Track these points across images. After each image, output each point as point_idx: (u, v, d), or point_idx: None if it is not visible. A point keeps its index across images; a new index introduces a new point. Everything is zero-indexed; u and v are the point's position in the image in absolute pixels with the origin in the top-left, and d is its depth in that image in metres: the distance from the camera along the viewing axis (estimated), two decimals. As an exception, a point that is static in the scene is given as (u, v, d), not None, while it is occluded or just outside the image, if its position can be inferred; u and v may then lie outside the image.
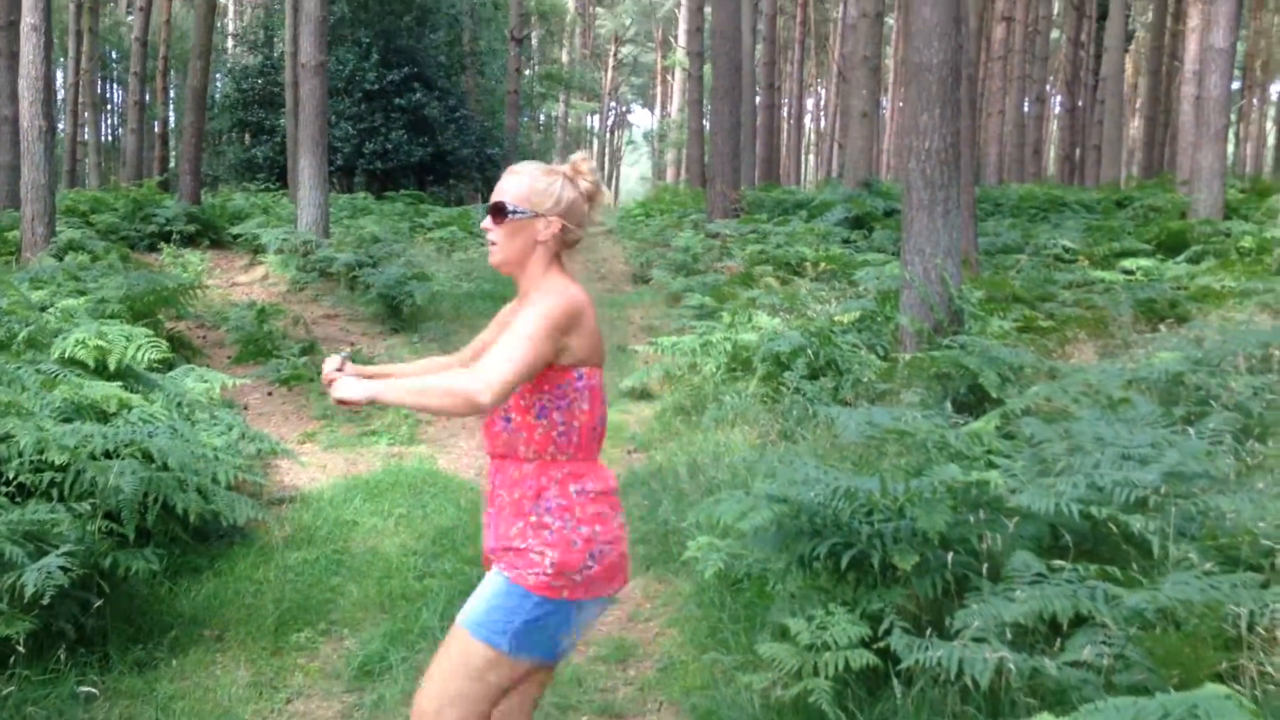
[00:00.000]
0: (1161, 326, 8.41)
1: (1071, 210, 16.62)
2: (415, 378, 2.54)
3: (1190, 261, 11.98)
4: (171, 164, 25.47)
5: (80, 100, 31.01)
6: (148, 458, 4.64)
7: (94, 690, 3.60)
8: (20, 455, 4.29)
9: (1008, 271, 11.11)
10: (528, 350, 2.32)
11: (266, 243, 13.67)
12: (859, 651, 3.31)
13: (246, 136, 27.61)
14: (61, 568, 3.56)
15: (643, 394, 8.93)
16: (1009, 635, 3.06)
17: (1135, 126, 40.67)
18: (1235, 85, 41.48)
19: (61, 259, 10.35)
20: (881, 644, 3.30)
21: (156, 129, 27.92)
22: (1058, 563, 3.32)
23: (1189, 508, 3.64)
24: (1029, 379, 6.50)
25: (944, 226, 7.49)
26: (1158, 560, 3.36)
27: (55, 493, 4.28)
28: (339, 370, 2.54)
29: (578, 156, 2.58)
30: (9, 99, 13.17)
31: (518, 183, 2.51)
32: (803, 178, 50.84)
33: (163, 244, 14.16)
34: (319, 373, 2.65)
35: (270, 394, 8.89)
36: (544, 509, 2.42)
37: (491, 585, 2.44)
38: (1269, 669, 2.87)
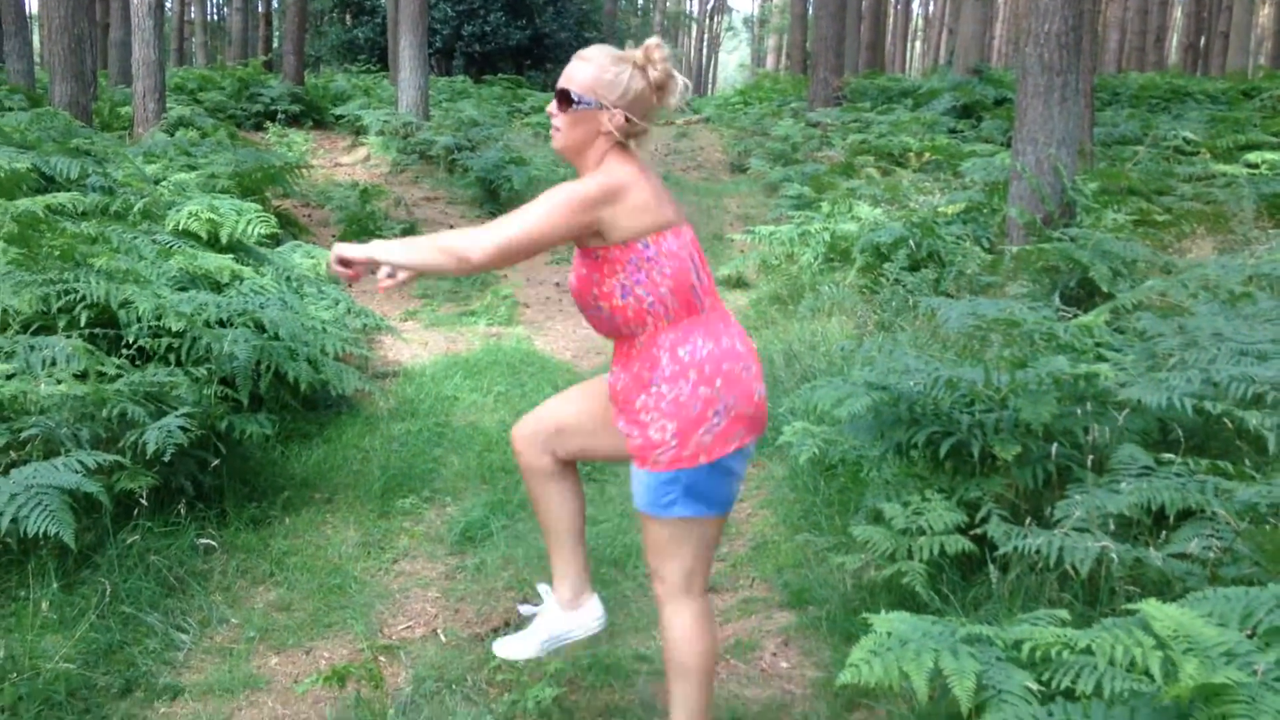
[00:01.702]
0: (1287, 223, 8.02)
1: (1194, 100, 15.80)
2: (413, 237, 2.49)
3: (1321, 157, 11.33)
4: (275, 44, 25.62)
5: (186, -21, 31.23)
6: (259, 328, 4.78)
7: (213, 543, 3.79)
8: (139, 321, 4.46)
9: (1124, 163, 10.66)
10: (535, 219, 2.33)
11: (368, 124, 13.78)
12: (954, 537, 3.30)
13: (348, 17, 27.60)
14: (181, 427, 3.72)
15: (738, 282, 8.88)
16: (1112, 526, 3.02)
17: (1265, 14, 38.15)
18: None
19: (172, 134, 10.57)
20: (978, 531, 3.29)
21: (260, 8, 28.05)
22: (1166, 456, 3.25)
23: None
24: (1142, 274, 6.29)
25: (1060, 115, 7.19)
26: (1273, 457, 3.26)
27: (172, 358, 4.45)
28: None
29: (651, 42, 2.47)
30: (119, -24, 13.32)
31: (585, 70, 2.44)
32: (909, 65, 49.09)
33: (268, 123, 14.38)
34: None
35: (372, 272, 9.04)
36: (660, 378, 2.43)
37: (635, 479, 2.51)
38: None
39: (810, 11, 21.78)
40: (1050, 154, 7.16)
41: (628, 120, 2.43)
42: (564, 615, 2.77)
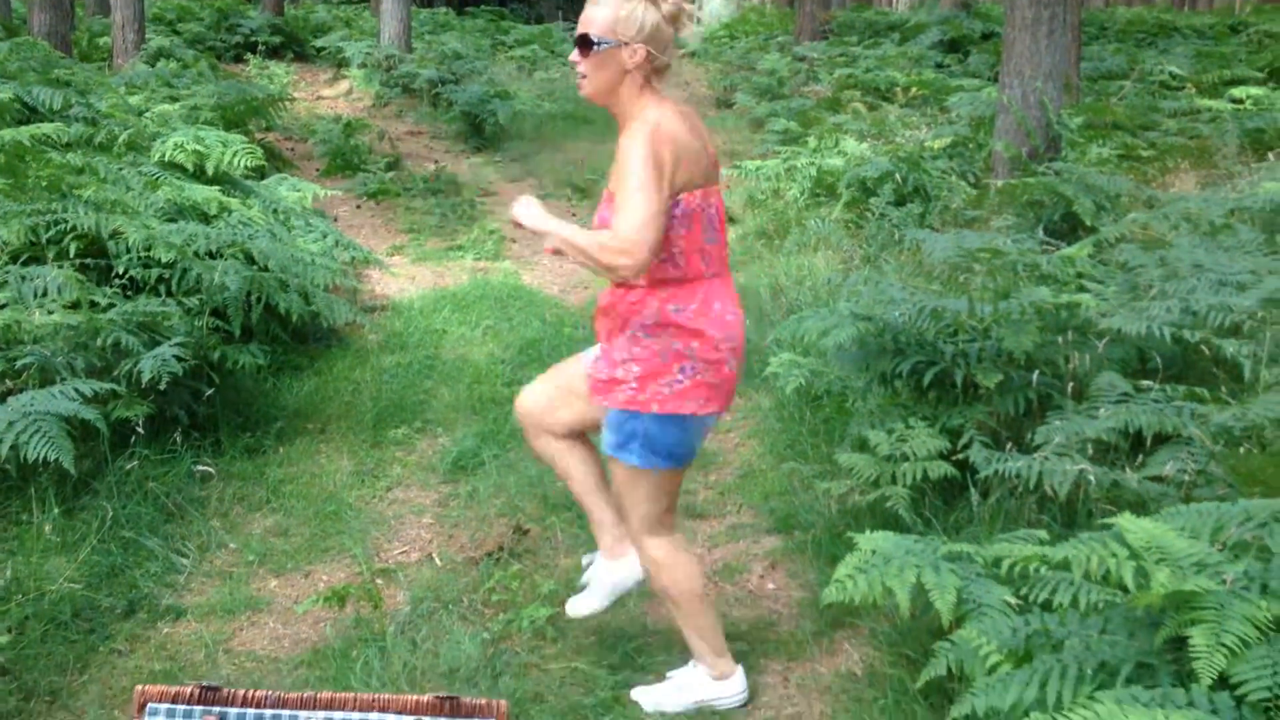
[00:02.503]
0: (1270, 156, 8.06)
1: (1181, 35, 15.73)
2: (578, 231, 2.50)
3: (1306, 92, 11.34)
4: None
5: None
6: (249, 259, 4.80)
7: (210, 469, 3.85)
8: (129, 251, 4.47)
9: (1110, 98, 10.66)
10: (649, 204, 2.35)
11: (350, 57, 13.61)
12: (937, 463, 3.38)
13: (326, -53, 27.07)
14: (176, 356, 3.76)
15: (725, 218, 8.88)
16: (1090, 451, 3.10)
17: (1259, -52, 37.88)
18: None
19: (153, 65, 10.42)
20: (960, 457, 3.38)
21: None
22: (1145, 383, 3.33)
23: (1285, 334, 3.59)
24: (1126, 208, 6.33)
25: (1047, 48, 7.18)
26: (1248, 384, 3.35)
27: (163, 289, 4.48)
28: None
29: None
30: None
31: (600, 12, 2.47)
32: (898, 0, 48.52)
33: (248, 55, 14.17)
34: (405, 188, 2.75)
35: (358, 207, 9.02)
36: (642, 324, 2.50)
37: (605, 419, 2.59)
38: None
39: (797, -57, 21.45)
40: (1036, 88, 7.17)
41: (649, 55, 2.45)
42: (612, 564, 2.84)
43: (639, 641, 3.04)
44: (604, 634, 3.09)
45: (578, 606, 2.89)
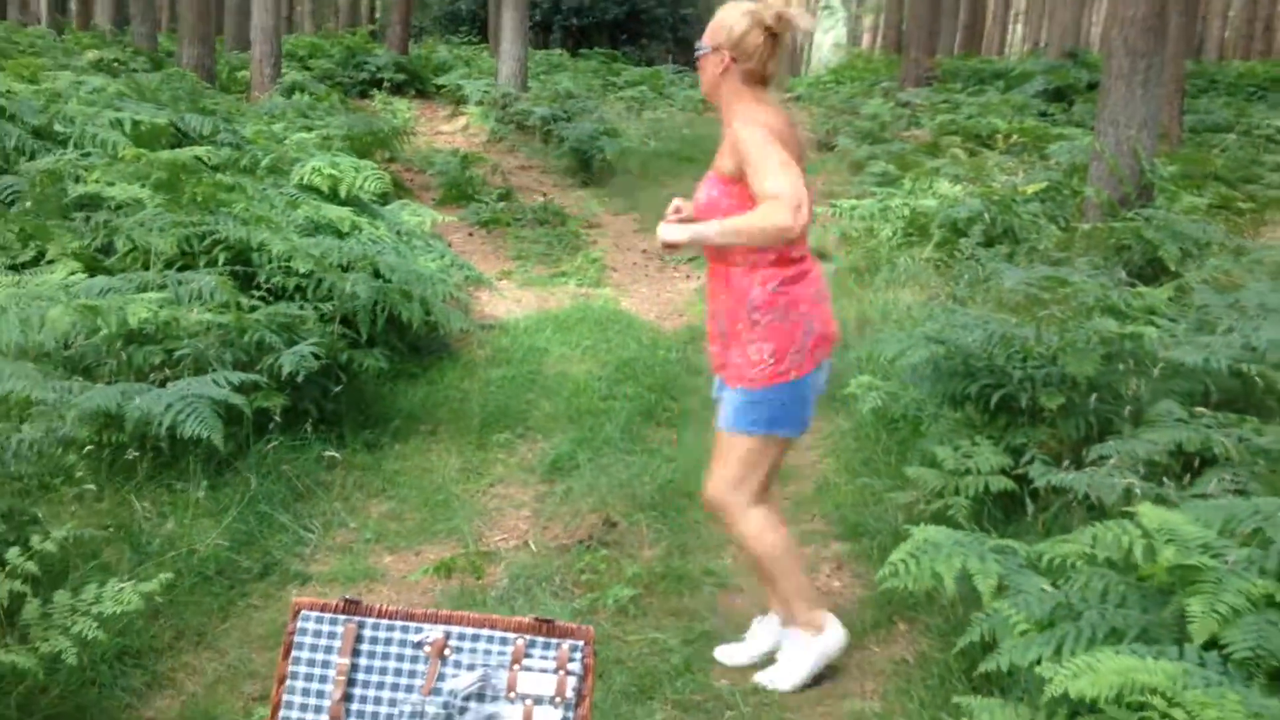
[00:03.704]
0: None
1: (1294, 90, 15.56)
2: (726, 219, 2.76)
3: None
4: (378, 14, 26.37)
5: (294, -51, 32.20)
6: (376, 273, 5.27)
7: (336, 455, 4.29)
8: (272, 261, 4.98)
9: (1211, 150, 10.68)
10: (775, 160, 2.64)
11: (469, 94, 14.30)
12: (999, 477, 3.62)
13: (451, -11, 28.23)
14: (313, 354, 4.22)
15: (818, 254, 9.14)
16: (1141, 470, 3.32)
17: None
18: None
19: (288, 97, 11.19)
20: (1020, 473, 3.62)
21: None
22: (1199, 410, 3.54)
23: (1343, 372, 3.76)
24: (1214, 255, 6.45)
25: (1142, 98, 7.34)
26: (1300, 416, 3.53)
27: (299, 296, 4.96)
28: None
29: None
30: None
31: (711, 22, 2.87)
32: (1009, 48, 48.26)
33: (374, 91, 15.00)
34: (515, 218, 3.16)
35: (470, 234, 9.55)
36: (753, 306, 2.82)
37: (731, 399, 2.92)
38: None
39: (907, -8, 21.71)
40: (1130, 135, 7.33)
41: (734, 59, 2.80)
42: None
43: (710, 622, 3.35)
44: (681, 615, 3.40)
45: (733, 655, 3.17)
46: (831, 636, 3.05)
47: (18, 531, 2.99)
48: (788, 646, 3.09)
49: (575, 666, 2.09)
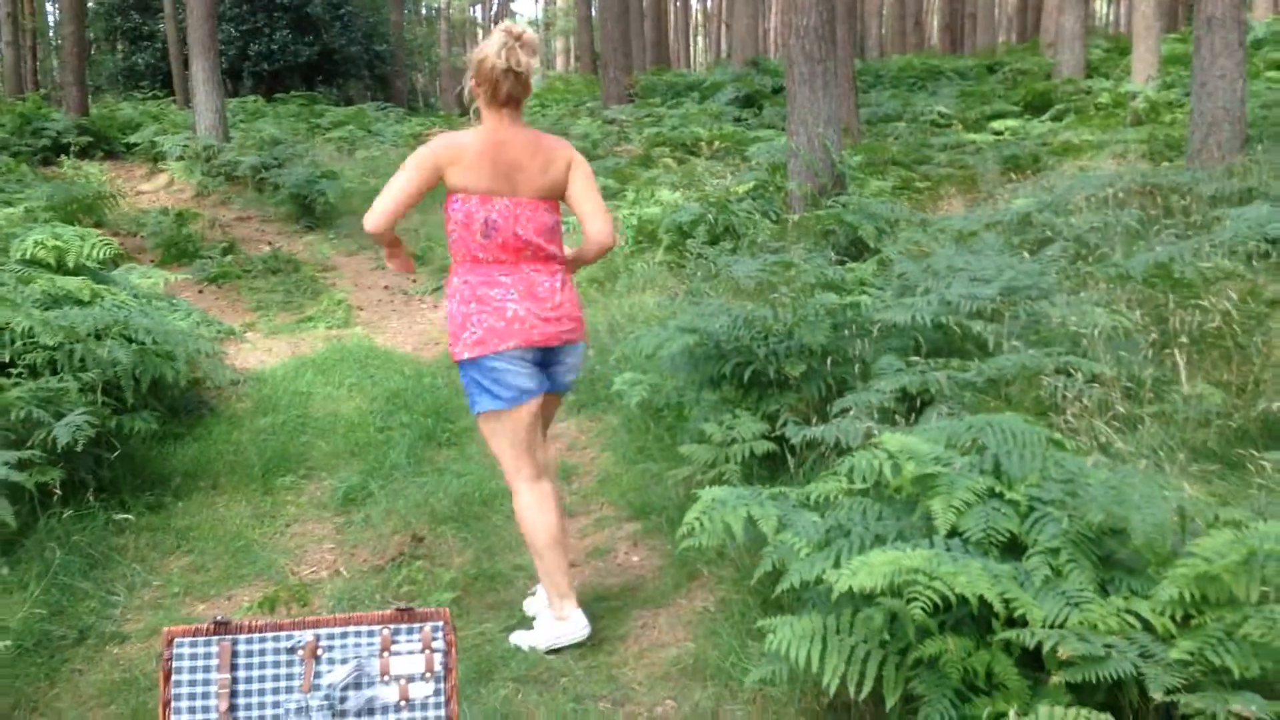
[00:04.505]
0: (1018, 178, 9.33)
1: (947, 78, 17.50)
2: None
3: (1054, 119, 12.96)
4: (41, 77, 24.68)
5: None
6: (128, 339, 5.19)
7: (129, 516, 4.26)
8: (15, 341, 4.82)
9: (887, 138, 11.94)
10: (397, 180, 3.18)
11: (167, 150, 13.80)
12: (760, 442, 4.11)
13: (123, 44, 26.82)
14: (88, 422, 4.17)
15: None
16: (876, 415, 3.89)
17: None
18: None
19: (-26, 173, 10.47)
20: (777, 434, 4.12)
21: (26, 41, 26.93)
22: (914, 359, 4.16)
23: (1020, 313, 4.51)
24: (903, 230, 7.35)
25: (825, 98, 8.22)
26: (993, 354, 4.22)
27: (53, 370, 4.83)
28: None
29: (503, 25, 3.24)
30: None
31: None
32: (693, 60, 50.89)
33: (59, 157, 14.15)
34: (244, 270, 3.48)
35: (201, 291, 9.33)
36: (448, 294, 3.31)
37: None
38: (1072, 423, 3.76)
39: (595, 13, 22.65)
40: (819, 133, 8.19)
41: (477, 84, 3.20)
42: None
43: (522, 615, 3.64)
44: (499, 608, 3.67)
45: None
46: (573, 628, 3.39)
47: None
48: (541, 615, 3.47)
49: (439, 644, 2.35)
